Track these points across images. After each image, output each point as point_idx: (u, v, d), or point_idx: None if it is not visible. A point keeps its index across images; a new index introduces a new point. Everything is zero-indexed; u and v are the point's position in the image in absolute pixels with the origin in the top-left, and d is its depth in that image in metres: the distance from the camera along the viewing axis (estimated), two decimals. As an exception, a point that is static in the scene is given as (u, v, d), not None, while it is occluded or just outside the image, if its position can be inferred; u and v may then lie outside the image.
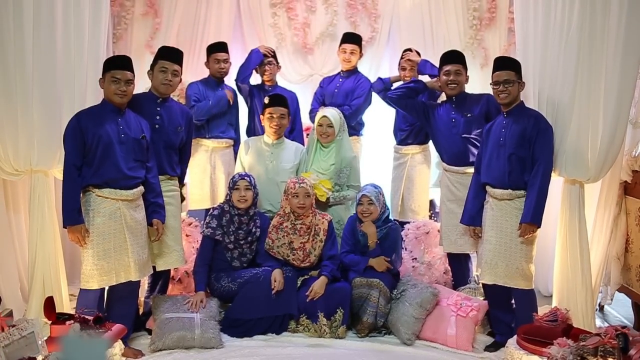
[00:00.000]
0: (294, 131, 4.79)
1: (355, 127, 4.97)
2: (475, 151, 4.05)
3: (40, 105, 3.60)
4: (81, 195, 3.42)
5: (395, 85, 4.61)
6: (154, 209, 3.63)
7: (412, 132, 4.79)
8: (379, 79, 4.67)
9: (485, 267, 3.68)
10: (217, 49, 4.70)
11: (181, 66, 3.83)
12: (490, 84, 3.69)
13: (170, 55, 3.78)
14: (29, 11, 3.54)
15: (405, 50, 4.81)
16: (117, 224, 3.41)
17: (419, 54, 4.74)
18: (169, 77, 3.74)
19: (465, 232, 4.10)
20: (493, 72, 3.69)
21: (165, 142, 3.75)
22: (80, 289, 3.47)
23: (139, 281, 3.69)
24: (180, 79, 3.89)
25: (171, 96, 3.98)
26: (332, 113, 4.40)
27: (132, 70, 3.49)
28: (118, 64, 3.45)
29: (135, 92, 3.59)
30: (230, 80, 4.94)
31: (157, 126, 3.73)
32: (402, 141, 4.87)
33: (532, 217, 3.48)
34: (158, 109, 3.79)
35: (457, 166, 4.20)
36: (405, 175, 4.82)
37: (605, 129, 3.55)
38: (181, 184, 4.04)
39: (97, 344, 1.82)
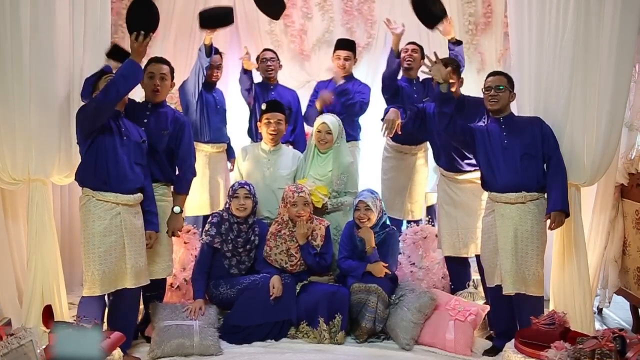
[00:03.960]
0: (295, 129, 4.79)
1: (353, 132, 4.98)
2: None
3: (38, 114, 3.60)
4: (81, 200, 3.44)
5: None
6: (147, 217, 3.62)
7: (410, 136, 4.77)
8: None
9: (506, 277, 3.56)
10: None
11: (169, 66, 3.84)
12: (482, 89, 3.73)
13: (156, 58, 3.85)
14: (26, 20, 3.54)
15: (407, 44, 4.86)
16: (118, 229, 3.42)
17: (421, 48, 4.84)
18: (156, 81, 3.77)
19: (463, 235, 4.12)
20: (486, 79, 3.74)
21: (149, 145, 3.72)
22: (83, 296, 3.46)
23: (140, 290, 3.67)
24: (173, 83, 3.91)
25: (169, 104, 4.00)
26: (331, 120, 4.41)
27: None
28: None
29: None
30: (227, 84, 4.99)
31: (143, 129, 3.74)
32: (406, 140, 4.78)
33: (562, 205, 3.47)
34: (148, 113, 3.81)
35: (454, 172, 4.23)
36: (409, 175, 4.85)
37: (600, 132, 3.56)
38: (178, 191, 4.01)
39: (90, 336, 1.82)
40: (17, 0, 3.49)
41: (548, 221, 3.55)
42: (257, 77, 5.01)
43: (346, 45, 4.95)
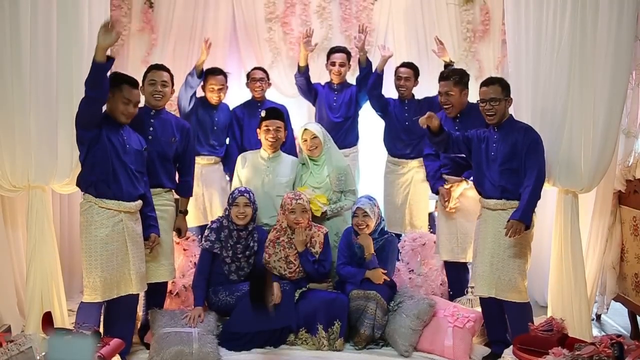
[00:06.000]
0: (285, 143, 4.82)
1: (351, 137, 5.01)
2: None
3: (38, 122, 3.61)
4: (83, 206, 3.46)
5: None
6: (150, 222, 3.67)
7: (414, 145, 4.81)
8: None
9: (478, 280, 3.67)
10: (214, 73, 4.74)
11: (169, 73, 3.89)
12: (477, 101, 3.73)
13: (157, 65, 3.91)
14: (26, 27, 3.55)
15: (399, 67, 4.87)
16: (120, 236, 3.45)
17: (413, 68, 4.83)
18: (158, 88, 3.81)
19: (461, 240, 4.14)
20: (480, 89, 3.74)
21: (158, 152, 3.79)
22: (82, 302, 3.47)
23: (138, 296, 3.70)
24: (173, 90, 3.96)
25: (167, 109, 4.02)
26: (312, 126, 4.45)
27: (137, 87, 3.57)
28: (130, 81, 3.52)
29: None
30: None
31: (150, 137, 3.78)
32: (402, 155, 4.88)
33: (521, 215, 3.44)
34: (152, 120, 3.85)
35: (457, 175, 4.25)
36: (407, 190, 4.87)
37: (596, 138, 3.58)
38: (184, 196, 4.07)
39: (84, 343, 1.81)
40: (17, 6, 3.51)
41: (533, 230, 3.58)
42: (247, 95, 5.06)
43: (340, 50, 4.97)
